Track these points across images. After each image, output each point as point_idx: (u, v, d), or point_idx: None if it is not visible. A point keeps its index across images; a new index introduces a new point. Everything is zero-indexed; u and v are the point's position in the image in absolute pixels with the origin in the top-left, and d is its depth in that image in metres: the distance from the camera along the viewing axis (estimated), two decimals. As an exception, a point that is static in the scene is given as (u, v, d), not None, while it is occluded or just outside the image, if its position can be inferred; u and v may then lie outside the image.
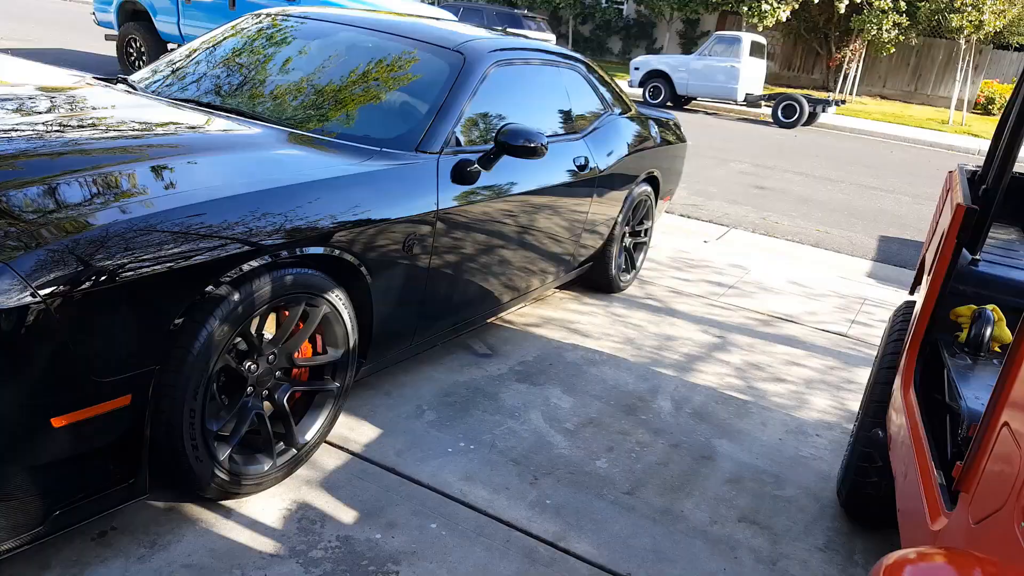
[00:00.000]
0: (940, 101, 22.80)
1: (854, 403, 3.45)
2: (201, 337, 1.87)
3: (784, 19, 20.08)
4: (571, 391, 3.12)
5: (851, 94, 21.77)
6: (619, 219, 4.14)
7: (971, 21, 17.57)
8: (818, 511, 2.54)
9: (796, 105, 15.24)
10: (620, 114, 4.24)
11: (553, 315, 4.01)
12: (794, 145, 13.29)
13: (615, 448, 2.72)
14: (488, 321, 3.78)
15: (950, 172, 2.84)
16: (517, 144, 2.74)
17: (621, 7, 26.28)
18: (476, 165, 2.77)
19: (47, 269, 1.55)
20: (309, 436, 2.31)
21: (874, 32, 19.56)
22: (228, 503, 2.13)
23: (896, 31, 19.60)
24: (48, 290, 1.53)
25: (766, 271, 5.51)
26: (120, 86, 3.11)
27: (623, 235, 4.33)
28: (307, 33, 3.34)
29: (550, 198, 3.33)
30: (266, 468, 2.19)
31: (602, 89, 4.22)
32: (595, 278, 4.33)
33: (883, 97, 23.84)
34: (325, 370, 2.35)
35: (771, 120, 15.86)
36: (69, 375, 1.64)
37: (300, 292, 2.12)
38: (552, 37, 19.99)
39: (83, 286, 1.60)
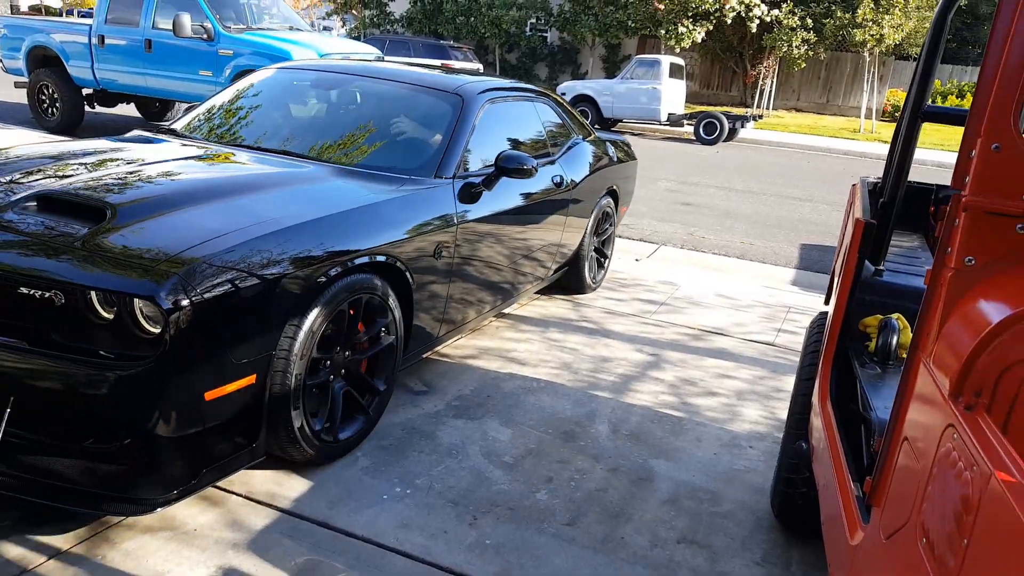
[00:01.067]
0: (851, 111, 23.94)
1: (783, 412, 3.55)
2: (303, 328, 2.37)
3: (700, 40, 20.82)
4: (509, 423, 3.11)
5: (768, 109, 22.67)
6: (588, 228, 4.80)
7: (872, 35, 18.57)
8: (754, 524, 2.60)
9: (716, 122, 15.76)
10: (583, 139, 4.94)
11: (490, 345, 4.01)
12: (717, 161, 13.72)
13: (554, 478, 2.73)
14: (424, 356, 3.76)
15: (853, 185, 2.97)
16: (513, 167, 3.36)
17: (545, 35, 26.80)
18: (481, 186, 3.40)
19: (198, 280, 2.06)
20: (372, 411, 2.85)
21: (785, 49, 20.46)
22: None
23: (805, 47, 20.55)
24: (200, 295, 2.04)
25: (695, 286, 5.64)
26: (168, 136, 3.65)
27: (592, 242, 4.98)
28: (327, 83, 4.03)
29: (538, 210, 4.02)
30: (349, 434, 2.73)
31: (567, 118, 4.95)
32: (571, 280, 4.97)
33: (797, 110, 24.89)
34: (379, 358, 2.85)
35: (694, 138, 16.35)
36: (216, 359, 2.14)
37: (367, 293, 2.66)
38: (479, 66, 20.21)
39: (223, 290, 2.11)
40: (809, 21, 20.29)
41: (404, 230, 2.85)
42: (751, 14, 19.94)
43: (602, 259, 5.27)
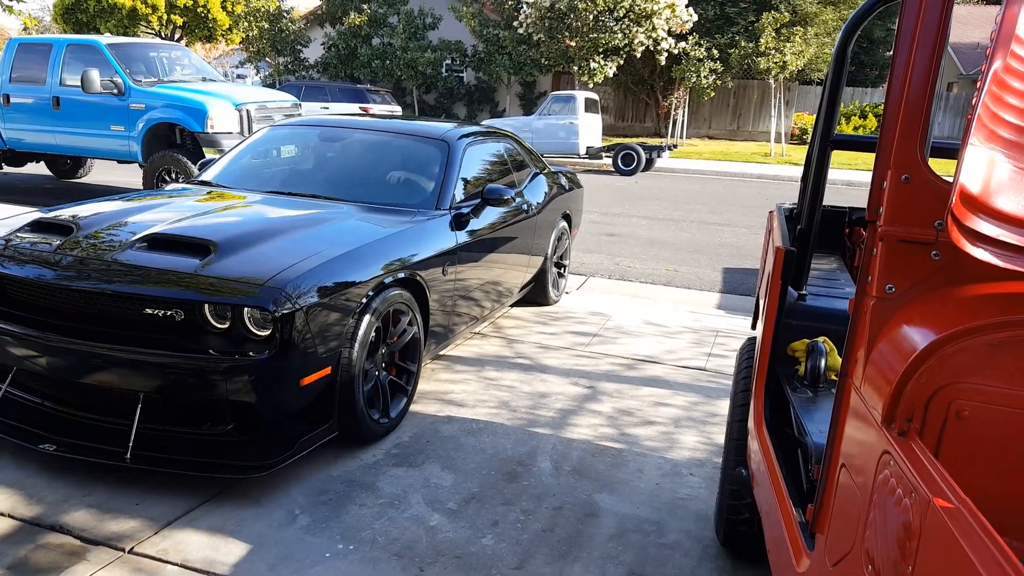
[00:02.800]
0: (760, 136, 25.06)
1: (720, 437, 3.63)
2: (362, 328, 3.11)
3: (612, 75, 21.50)
4: (451, 467, 3.08)
5: (681, 138, 23.51)
6: (550, 248, 5.59)
7: (776, 63, 19.57)
8: (701, 553, 2.63)
9: (634, 153, 16.23)
10: (540, 171, 5.72)
11: (426, 388, 3.97)
12: (636, 191, 14.10)
13: (500, 521, 2.71)
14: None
15: (770, 212, 3.11)
16: (494, 198, 4.17)
17: (461, 75, 27.17)
18: (470, 214, 4.16)
19: (294, 293, 2.78)
20: (410, 390, 3.59)
21: (694, 79, 21.34)
22: None
23: (713, 77, 21.49)
24: (296, 305, 2.76)
25: (625, 315, 5.75)
26: (204, 186, 4.39)
27: (553, 260, 5.74)
28: (331, 136, 4.84)
29: (513, 233, 4.79)
30: (398, 411, 3.44)
31: (525, 154, 5.71)
32: (536, 294, 5.66)
33: (710, 137, 25.91)
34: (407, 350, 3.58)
35: (612, 169, 16.77)
36: (307, 352, 2.85)
37: (398, 302, 3.38)
38: (398, 109, 20.30)
39: (310, 301, 2.83)
40: (715, 52, 21.25)
41: (420, 252, 3.63)
42: (659, 47, 20.74)
43: (561, 271, 6.04)
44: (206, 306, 2.79)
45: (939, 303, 1.24)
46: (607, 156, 17.02)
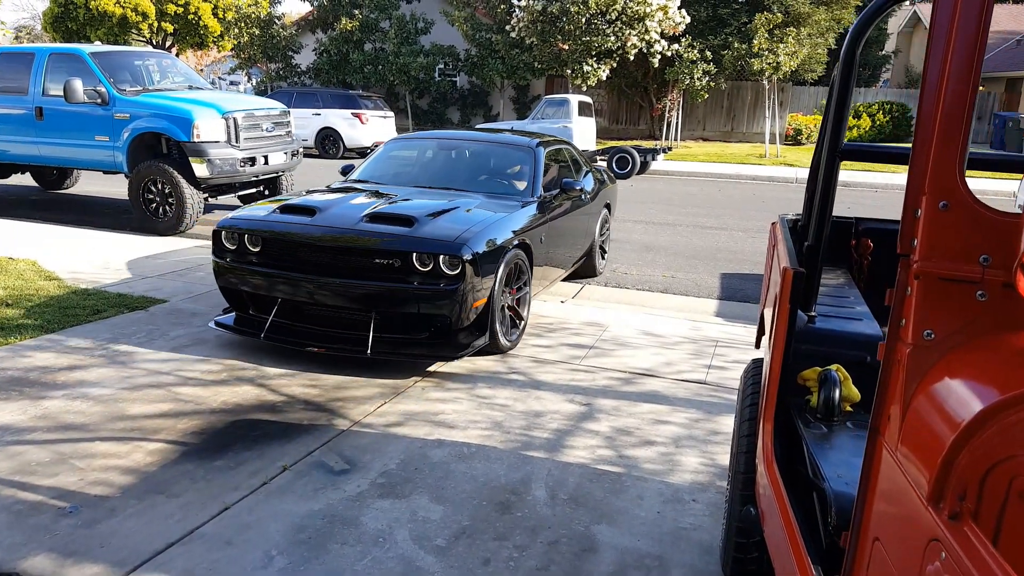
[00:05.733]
0: (755, 137, 24.93)
1: (722, 457, 3.47)
2: (500, 272, 4.56)
3: (605, 78, 21.34)
4: (440, 498, 2.91)
5: (676, 140, 23.37)
6: (597, 230, 7.06)
7: (769, 64, 19.43)
8: (705, 586, 2.47)
9: (628, 157, 16.08)
10: (589, 170, 7.25)
11: (415, 409, 3.81)
12: (631, 195, 13.94)
13: (492, 559, 2.54)
14: (344, 429, 3.52)
15: (772, 224, 2.94)
16: (569, 188, 5.89)
17: (454, 80, 27.00)
18: (552, 200, 5.78)
19: (472, 246, 4.30)
20: (521, 326, 5.05)
21: (687, 81, 21.19)
22: None
23: (706, 78, 21.34)
24: (469, 255, 4.24)
25: (622, 326, 5.59)
26: (360, 183, 5.93)
27: (599, 240, 7.19)
28: (446, 146, 6.55)
29: (576, 216, 6.32)
30: (516, 335, 4.95)
31: (579, 156, 7.24)
32: (586, 268, 7.06)
33: (704, 139, 25.76)
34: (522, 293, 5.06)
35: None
36: (478, 285, 4.34)
37: (518, 259, 4.88)
38: (391, 114, 20.12)
39: (480, 251, 4.33)
40: (708, 53, 21.10)
41: (528, 225, 5.13)
42: (652, 50, 20.59)
43: (603, 251, 7.52)
44: (413, 255, 4.31)
45: (989, 353, 1.06)
46: (601, 159, 16.87)
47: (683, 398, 4.21)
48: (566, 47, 20.84)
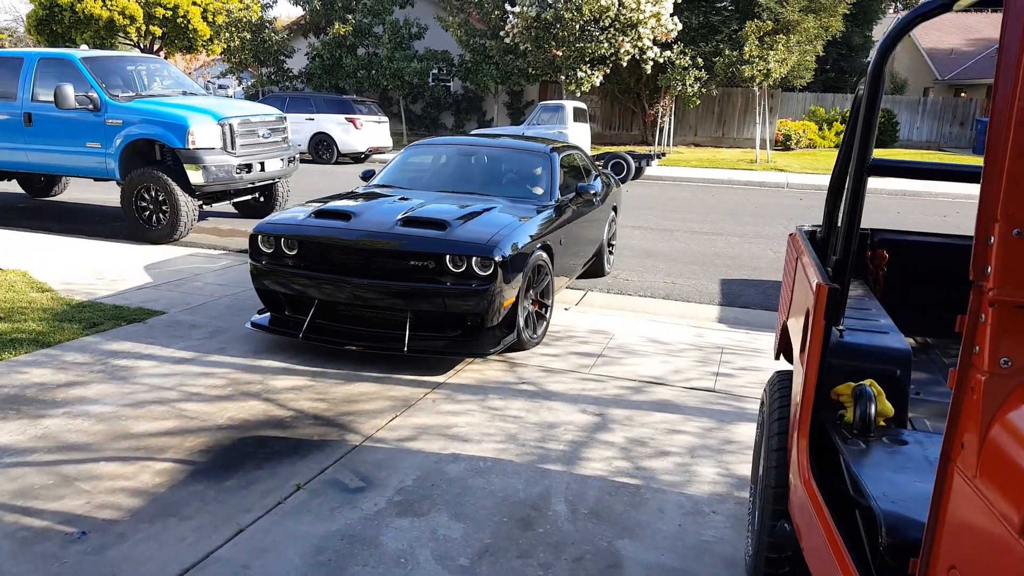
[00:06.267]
0: (745, 142, 25.02)
1: (739, 467, 3.43)
2: (525, 272, 4.76)
3: (599, 84, 21.37)
4: (460, 516, 2.86)
5: (668, 145, 23.41)
6: (606, 231, 7.37)
7: (760, 71, 19.52)
8: (734, 604, 2.43)
9: (623, 162, 16.08)
10: (598, 174, 7.45)
11: (428, 422, 3.75)
12: (628, 200, 13.92)
13: (517, 578, 2.49)
14: (356, 444, 3.46)
15: (791, 236, 2.91)
16: (584, 192, 6.31)
17: (448, 85, 26.96)
18: (569, 204, 6.01)
19: (503, 248, 4.51)
20: (544, 324, 5.25)
21: (679, 88, 21.25)
22: None
23: (698, 85, 21.40)
24: (500, 257, 4.44)
25: (627, 333, 5.55)
26: (383, 189, 6.08)
27: (607, 240, 7.50)
28: (466, 152, 6.72)
29: (589, 218, 6.55)
30: (539, 333, 5.16)
31: (589, 160, 7.54)
32: (596, 267, 7.34)
33: (696, 145, 25.83)
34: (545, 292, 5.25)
35: (603, 177, 16.63)
36: (507, 285, 4.54)
37: (541, 260, 5.05)
38: (385, 119, 20.05)
39: (509, 253, 4.54)
40: (700, 60, 21.18)
41: (548, 228, 5.31)
42: (645, 56, 20.63)
43: (611, 250, 7.86)
44: (447, 257, 4.51)
45: None
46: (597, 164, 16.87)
47: (694, 407, 4.17)
48: (560, 53, 20.85)
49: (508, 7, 21.53)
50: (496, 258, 4.44)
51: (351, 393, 4.14)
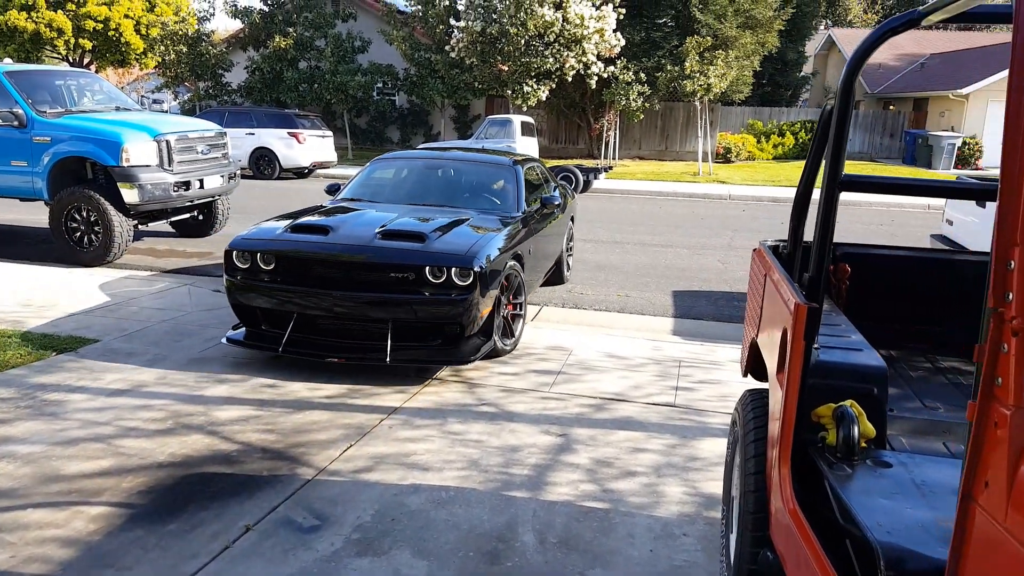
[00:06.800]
0: (688, 155, 25.46)
1: (705, 485, 3.36)
2: (499, 281, 4.90)
3: (545, 98, 21.45)
4: (423, 552, 2.70)
5: (614, 159, 23.65)
6: (564, 240, 7.51)
7: (701, 85, 19.91)
8: (714, 635, 2.34)
9: (572, 176, 16.13)
10: (556, 184, 7.78)
11: (385, 451, 3.58)
12: (578, 213, 13.97)
13: (487, 618, 2.35)
14: (309, 479, 3.27)
15: (756, 251, 2.87)
16: (549, 203, 6.48)
17: (393, 99, 26.70)
18: (535, 214, 6.18)
19: (481, 259, 4.62)
20: (518, 331, 5.39)
21: (624, 102, 21.49)
22: None
23: (641, 99, 21.68)
24: (478, 267, 4.56)
25: (585, 349, 5.48)
26: (352, 203, 6.05)
27: (566, 248, 7.70)
28: (432, 165, 6.83)
29: (552, 228, 6.74)
30: (512, 340, 5.27)
31: (548, 171, 7.87)
32: (555, 276, 7.52)
33: (640, 158, 26.17)
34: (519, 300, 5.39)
35: (551, 191, 16.65)
36: (486, 294, 4.67)
37: (513, 269, 5.19)
38: (330, 133, 19.71)
39: (487, 264, 4.65)
40: (643, 75, 21.47)
41: (518, 238, 5.45)
42: (589, 71, 20.80)
43: (569, 256, 8.07)
44: (427, 268, 4.59)
45: None
46: (544, 179, 16.88)
47: (656, 423, 4.10)
48: (506, 68, 20.89)
49: (453, 22, 21.49)
50: (475, 268, 4.55)
51: (301, 422, 3.94)
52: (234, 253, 4.90)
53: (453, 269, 4.56)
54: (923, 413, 2.31)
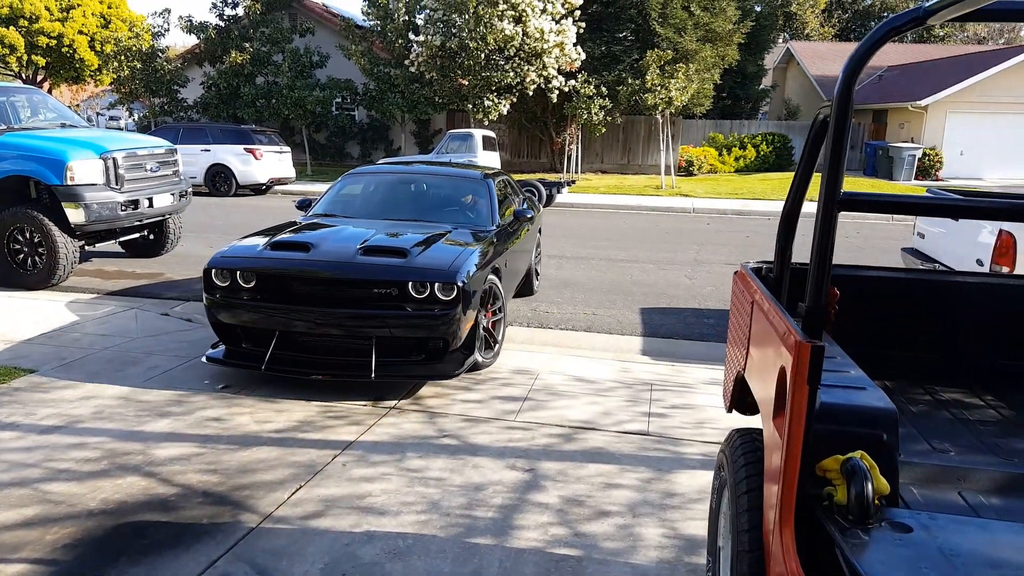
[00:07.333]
0: (650, 169, 25.55)
1: (684, 524, 3.17)
2: (480, 295, 4.91)
3: (506, 112, 21.34)
4: (377, 612, 2.45)
5: (577, 172, 23.63)
6: (534, 252, 7.70)
7: (662, 99, 19.99)
8: None
9: (535, 190, 15.94)
10: (524, 197, 7.89)
11: (337, 493, 3.32)
12: (543, 228, 13.81)
13: None
14: (253, 527, 3.00)
15: (738, 274, 2.70)
16: (522, 216, 6.57)
17: (353, 114, 26.35)
18: (509, 227, 6.26)
19: (463, 273, 4.65)
20: (498, 341, 5.42)
21: (585, 116, 21.47)
22: None
23: (603, 113, 21.70)
24: (461, 282, 4.60)
25: (552, 372, 5.27)
26: (329, 219, 6.03)
27: (534, 259, 7.77)
28: (403, 180, 6.86)
29: (524, 240, 6.82)
30: (491, 355, 5.29)
31: (516, 184, 7.97)
32: (524, 289, 7.53)
33: (603, 171, 26.19)
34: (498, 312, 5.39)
35: (515, 206, 16.49)
36: (469, 308, 4.68)
37: (494, 282, 5.26)
38: (287, 149, 19.32)
39: (469, 278, 4.67)
40: (604, 89, 21.49)
41: (495, 251, 5.46)
42: (550, 85, 20.75)
43: (537, 269, 8.15)
44: (410, 284, 4.59)
45: None
46: (507, 194, 16.73)
47: (629, 454, 3.91)
48: (466, 82, 20.74)
49: (412, 36, 21.29)
50: (458, 283, 4.57)
51: (247, 461, 3.66)
52: (213, 271, 4.83)
53: (436, 284, 4.58)
54: (933, 457, 2.10)
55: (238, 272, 4.81)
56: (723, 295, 8.26)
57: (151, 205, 8.37)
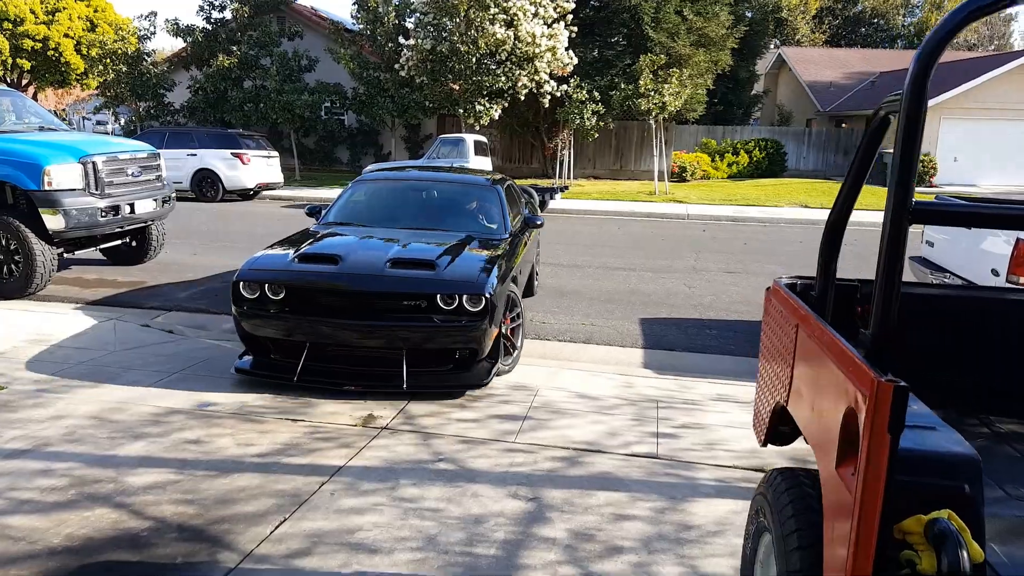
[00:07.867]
0: (643, 174, 25.37)
1: (705, 563, 2.91)
2: (503, 305, 5.05)
3: (497, 117, 21.09)
4: (369, 674, 2.18)
5: (569, 178, 23.40)
6: (536, 251, 7.92)
7: (656, 104, 19.80)
8: None
9: (529, 196, 15.76)
10: (527, 202, 8.11)
11: (325, 527, 3.04)
12: (534, 235, 13.56)
13: None
14: (231, 567, 2.72)
15: (772, 290, 2.44)
16: (532, 222, 6.70)
17: (342, 118, 26.05)
18: (520, 234, 6.40)
19: (491, 285, 4.76)
20: (517, 345, 5.50)
21: (577, 121, 21.27)
22: None
23: (595, 118, 21.50)
24: (489, 293, 4.70)
25: (552, 388, 5.01)
26: (351, 228, 6.02)
27: (535, 261, 7.91)
28: (414, 187, 7.04)
29: (532, 241, 7.07)
30: (510, 361, 5.34)
31: (520, 190, 8.02)
32: (527, 290, 7.40)
33: (595, 177, 25.99)
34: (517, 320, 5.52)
35: (508, 212, 16.24)
36: (496, 318, 4.82)
37: (512, 290, 5.37)
38: (275, 154, 19.00)
39: (496, 289, 4.80)
40: (596, 94, 21.29)
41: (513, 260, 5.60)
42: (542, 90, 20.52)
43: (537, 270, 8.17)
44: (438, 296, 4.67)
45: None
46: (500, 199, 16.48)
47: (639, 480, 3.65)
48: (457, 87, 20.49)
49: (402, 40, 21.03)
50: (486, 295, 4.67)
51: (227, 490, 3.37)
52: (241, 284, 4.85)
53: (465, 296, 4.68)
54: (1012, 506, 1.82)
55: (267, 284, 4.83)
56: (724, 304, 8.03)
57: (133, 211, 8.08)
